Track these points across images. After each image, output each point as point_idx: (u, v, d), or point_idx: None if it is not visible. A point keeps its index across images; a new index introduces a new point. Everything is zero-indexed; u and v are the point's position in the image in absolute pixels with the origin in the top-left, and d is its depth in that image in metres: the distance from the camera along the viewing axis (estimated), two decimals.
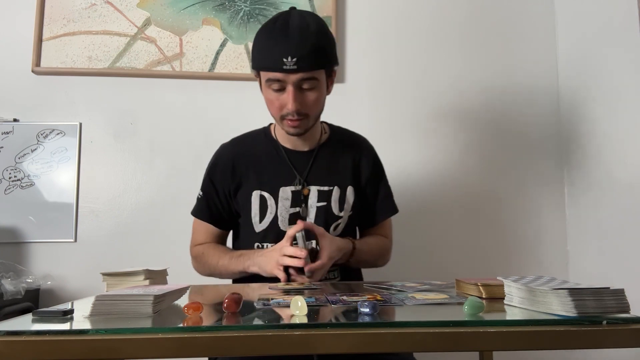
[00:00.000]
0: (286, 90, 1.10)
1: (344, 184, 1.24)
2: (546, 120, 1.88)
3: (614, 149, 1.57)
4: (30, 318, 0.64)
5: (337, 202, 1.22)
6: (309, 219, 1.20)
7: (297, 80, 1.08)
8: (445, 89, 1.86)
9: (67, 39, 1.74)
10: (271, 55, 1.08)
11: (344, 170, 1.25)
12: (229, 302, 0.67)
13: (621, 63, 1.54)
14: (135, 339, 0.55)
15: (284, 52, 1.06)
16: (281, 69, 1.06)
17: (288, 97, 1.09)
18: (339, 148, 1.28)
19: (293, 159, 1.24)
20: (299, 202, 1.20)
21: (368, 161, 1.29)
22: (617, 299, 0.61)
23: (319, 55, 1.10)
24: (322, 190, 1.22)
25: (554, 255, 1.83)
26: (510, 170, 1.85)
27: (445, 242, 1.81)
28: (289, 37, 1.07)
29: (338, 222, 1.22)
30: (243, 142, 1.29)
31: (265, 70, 1.11)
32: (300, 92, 1.11)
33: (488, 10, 1.91)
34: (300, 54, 1.06)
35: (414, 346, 0.59)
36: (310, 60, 1.08)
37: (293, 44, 1.06)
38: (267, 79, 1.11)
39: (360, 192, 1.27)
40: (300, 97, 1.10)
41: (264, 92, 1.16)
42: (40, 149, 1.70)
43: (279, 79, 1.08)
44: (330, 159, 1.26)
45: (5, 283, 1.46)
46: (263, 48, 1.12)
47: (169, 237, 1.68)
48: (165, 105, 1.77)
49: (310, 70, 1.09)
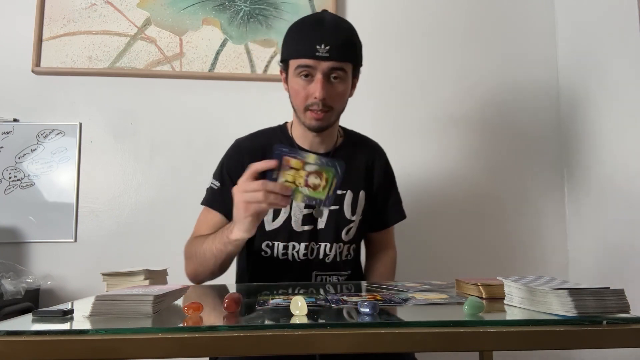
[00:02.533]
0: (314, 79, 1.10)
1: (357, 188, 1.24)
2: (546, 120, 1.88)
3: (614, 149, 1.57)
4: (30, 318, 0.64)
5: (350, 206, 1.22)
6: (322, 221, 1.19)
7: (328, 69, 1.09)
8: (446, 89, 1.86)
9: (67, 39, 1.74)
10: (304, 43, 1.09)
11: (358, 174, 1.25)
12: (229, 302, 0.67)
13: (621, 63, 1.54)
14: (135, 339, 0.55)
15: (318, 39, 1.07)
16: (313, 56, 1.07)
17: (316, 86, 1.09)
18: (354, 152, 1.27)
19: None
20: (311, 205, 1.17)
21: (381, 167, 1.30)
22: (617, 299, 0.61)
23: (350, 49, 1.13)
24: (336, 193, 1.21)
25: (554, 255, 1.83)
26: (510, 170, 1.85)
27: (445, 242, 1.81)
28: (324, 27, 1.10)
29: (350, 226, 1.22)
30: (260, 137, 1.27)
31: (297, 57, 1.11)
32: (328, 82, 1.11)
33: (488, 10, 1.91)
34: (333, 43, 1.08)
35: (414, 346, 0.59)
36: (342, 50, 1.10)
37: (327, 33, 1.09)
38: (297, 65, 1.11)
39: (371, 197, 1.26)
40: (328, 87, 1.10)
41: (291, 82, 1.15)
42: (40, 149, 1.70)
43: (310, 65, 1.09)
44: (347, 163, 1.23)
45: (5, 283, 1.46)
46: (295, 38, 1.13)
47: (169, 237, 1.68)
48: (165, 105, 1.77)
49: (341, 60, 1.10)
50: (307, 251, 1.19)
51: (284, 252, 1.19)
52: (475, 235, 1.82)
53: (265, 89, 1.78)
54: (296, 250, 1.18)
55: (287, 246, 1.19)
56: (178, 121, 1.77)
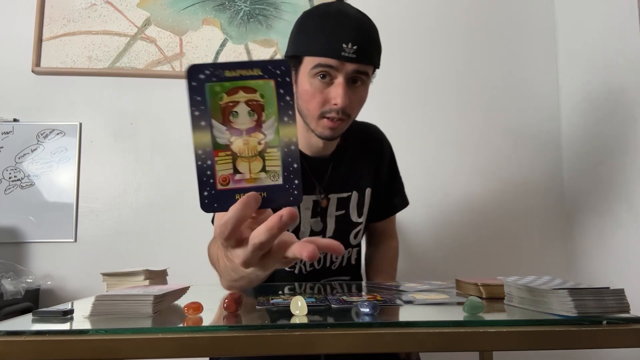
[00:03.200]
0: (335, 82, 0.95)
1: (363, 188, 1.16)
2: (546, 121, 1.88)
3: (614, 149, 1.57)
4: (30, 318, 0.64)
5: (356, 208, 1.14)
6: (328, 230, 1.11)
7: (352, 72, 0.95)
8: (446, 90, 1.86)
9: (67, 39, 1.74)
10: (328, 39, 0.93)
11: (363, 173, 1.16)
12: (229, 302, 0.67)
13: (621, 63, 1.53)
14: (135, 339, 0.55)
15: (344, 37, 0.92)
16: (339, 56, 0.92)
17: (337, 91, 0.94)
18: (358, 150, 1.17)
19: (312, 166, 1.10)
20: (317, 213, 1.10)
21: (386, 160, 1.22)
22: (617, 299, 0.61)
23: (376, 50, 1.00)
24: (341, 197, 1.12)
25: (554, 255, 1.83)
26: (510, 170, 1.85)
27: (445, 242, 1.81)
28: (349, 23, 0.94)
29: (358, 229, 1.16)
30: None
31: (317, 55, 0.94)
32: (349, 87, 0.97)
33: (488, 10, 1.91)
34: (360, 43, 0.93)
35: (414, 346, 0.59)
36: (369, 51, 0.96)
37: (353, 30, 0.93)
38: (315, 64, 0.95)
39: (376, 191, 1.19)
40: (350, 93, 0.96)
41: (303, 84, 0.98)
42: (40, 149, 1.70)
43: (332, 66, 0.93)
44: (349, 163, 1.15)
45: (5, 283, 1.46)
46: (315, 31, 0.96)
47: (169, 237, 1.68)
48: (165, 105, 1.77)
49: (367, 63, 0.96)
50: (313, 262, 1.13)
51: (291, 265, 1.10)
52: (475, 235, 1.82)
53: None
54: (303, 263, 1.12)
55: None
56: (178, 121, 1.77)
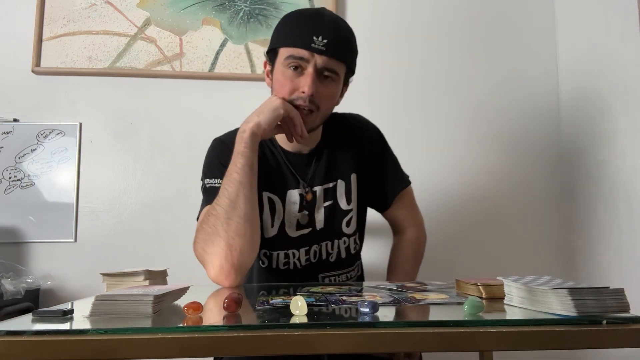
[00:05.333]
0: (305, 72, 1.02)
1: (347, 174, 1.16)
2: (546, 121, 1.88)
3: (613, 149, 1.57)
4: (30, 318, 0.64)
5: (344, 196, 1.15)
6: (317, 221, 1.13)
7: (321, 65, 1.01)
8: (445, 90, 1.86)
9: (67, 39, 1.74)
10: (299, 32, 1.02)
11: (344, 160, 1.17)
12: (229, 302, 0.67)
13: (621, 63, 1.53)
14: (135, 339, 0.55)
15: (315, 31, 1.00)
16: (308, 47, 1.00)
17: (306, 80, 1.01)
18: (339, 141, 1.18)
19: (294, 162, 1.14)
20: (303, 207, 1.12)
21: (369, 141, 1.21)
22: (617, 299, 0.61)
23: (347, 48, 1.06)
24: (327, 188, 1.14)
25: (554, 255, 1.83)
26: (510, 170, 1.85)
27: (445, 242, 1.80)
28: (323, 20, 1.03)
29: (349, 216, 1.15)
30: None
31: (288, 46, 1.03)
32: (319, 79, 1.03)
33: (488, 11, 1.91)
34: (330, 38, 1.00)
35: (414, 346, 0.59)
36: (338, 47, 1.03)
37: (325, 26, 1.01)
38: (288, 55, 1.02)
39: (365, 177, 1.18)
40: (318, 85, 1.02)
41: (277, 73, 1.06)
42: (40, 149, 1.70)
43: (302, 57, 1.01)
44: (330, 153, 1.17)
45: (5, 283, 1.46)
46: (290, 26, 1.05)
47: (169, 237, 1.68)
48: (165, 105, 1.77)
49: (336, 58, 1.03)
50: (308, 256, 1.13)
51: (285, 261, 1.13)
52: (475, 235, 1.82)
53: (265, 89, 1.75)
54: (297, 258, 1.13)
55: (288, 254, 1.13)
56: (178, 121, 1.77)
